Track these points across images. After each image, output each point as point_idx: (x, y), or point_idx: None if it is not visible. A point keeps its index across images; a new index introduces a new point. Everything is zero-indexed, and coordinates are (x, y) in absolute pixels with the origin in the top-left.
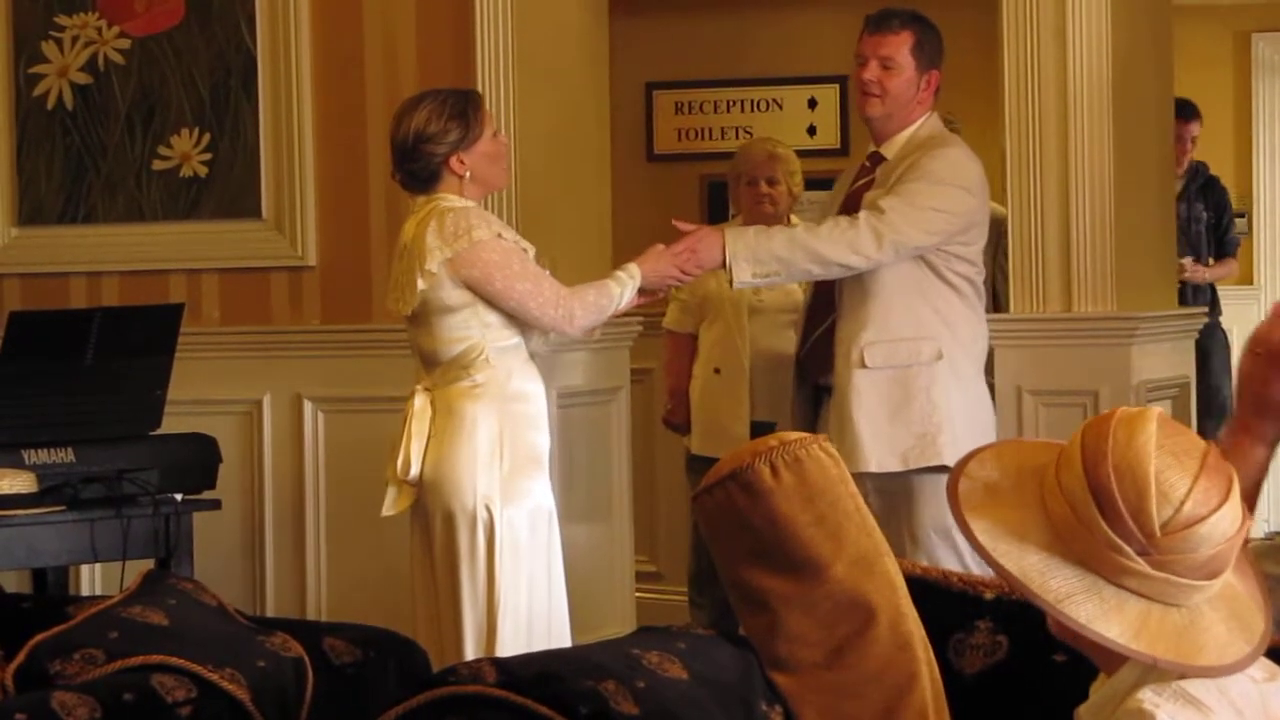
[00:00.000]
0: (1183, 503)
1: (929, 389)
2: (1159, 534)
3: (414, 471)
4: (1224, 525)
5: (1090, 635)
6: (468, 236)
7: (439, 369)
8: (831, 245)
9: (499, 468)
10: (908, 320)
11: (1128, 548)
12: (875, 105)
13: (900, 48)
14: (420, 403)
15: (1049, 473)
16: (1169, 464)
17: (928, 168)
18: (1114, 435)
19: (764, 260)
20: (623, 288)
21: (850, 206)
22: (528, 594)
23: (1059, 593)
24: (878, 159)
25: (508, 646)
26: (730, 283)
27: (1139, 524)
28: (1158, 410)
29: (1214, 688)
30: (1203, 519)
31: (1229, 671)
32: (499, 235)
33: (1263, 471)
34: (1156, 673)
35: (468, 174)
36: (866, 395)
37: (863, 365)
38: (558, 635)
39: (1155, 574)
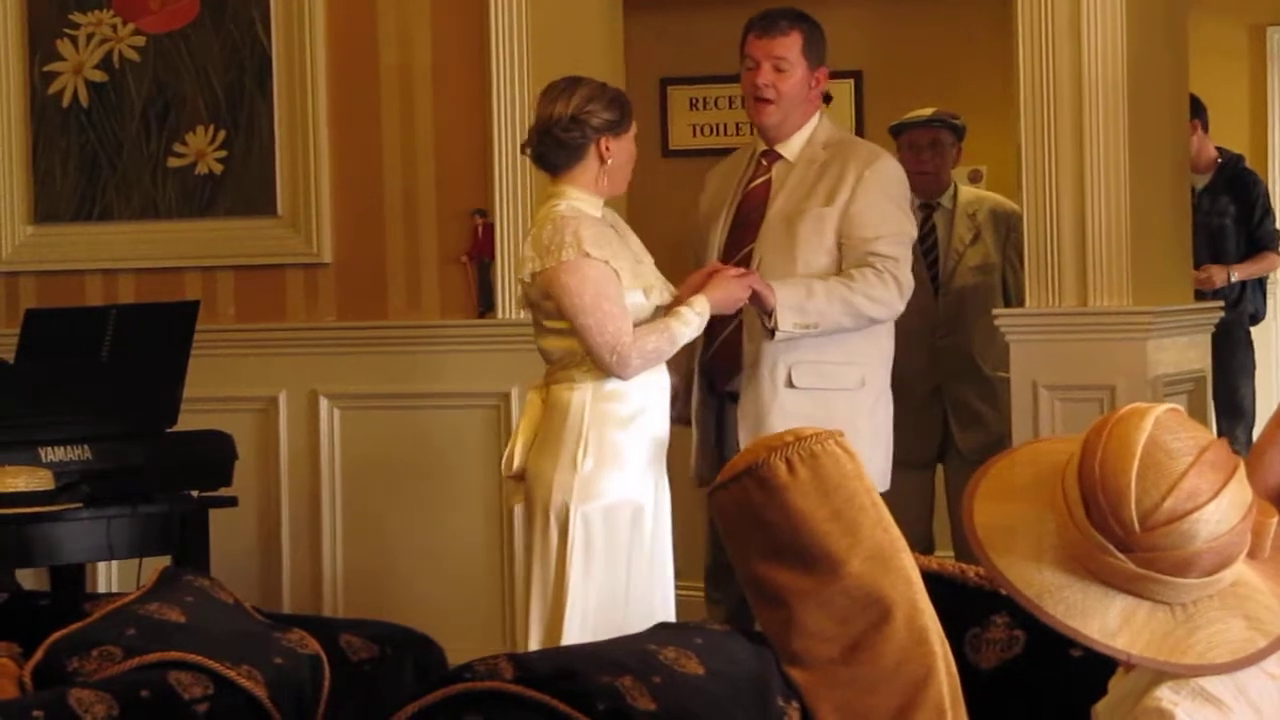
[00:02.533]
0: (1164, 498)
1: (852, 418)
2: (1138, 529)
3: (515, 467)
4: (1213, 521)
5: (1065, 631)
6: (556, 254)
7: (550, 368)
8: (867, 302)
9: (580, 465)
10: (837, 340)
11: (1109, 544)
12: (771, 113)
13: (791, 48)
14: (532, 400)
15: (1060, 472)
16: (1158, 460)
17: (885, 187)
18: (1110, 432)
19: (808, 312)
20: (688, 327)
21: (749, 206)
22: (600, 592)
23: (1039, 587)
24: (774, 157)
25: (572, 642)
26: (772, 332)
27: (1118, 519)
28: (1167, 406)
29: (1231, 685)
30: (1185, 515)
31: (1209, 673)
32: (587, 254)
33: None
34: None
35: (610, 161)
36: (792, 417)
37: (790, 385)
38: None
39: (1139, 571)
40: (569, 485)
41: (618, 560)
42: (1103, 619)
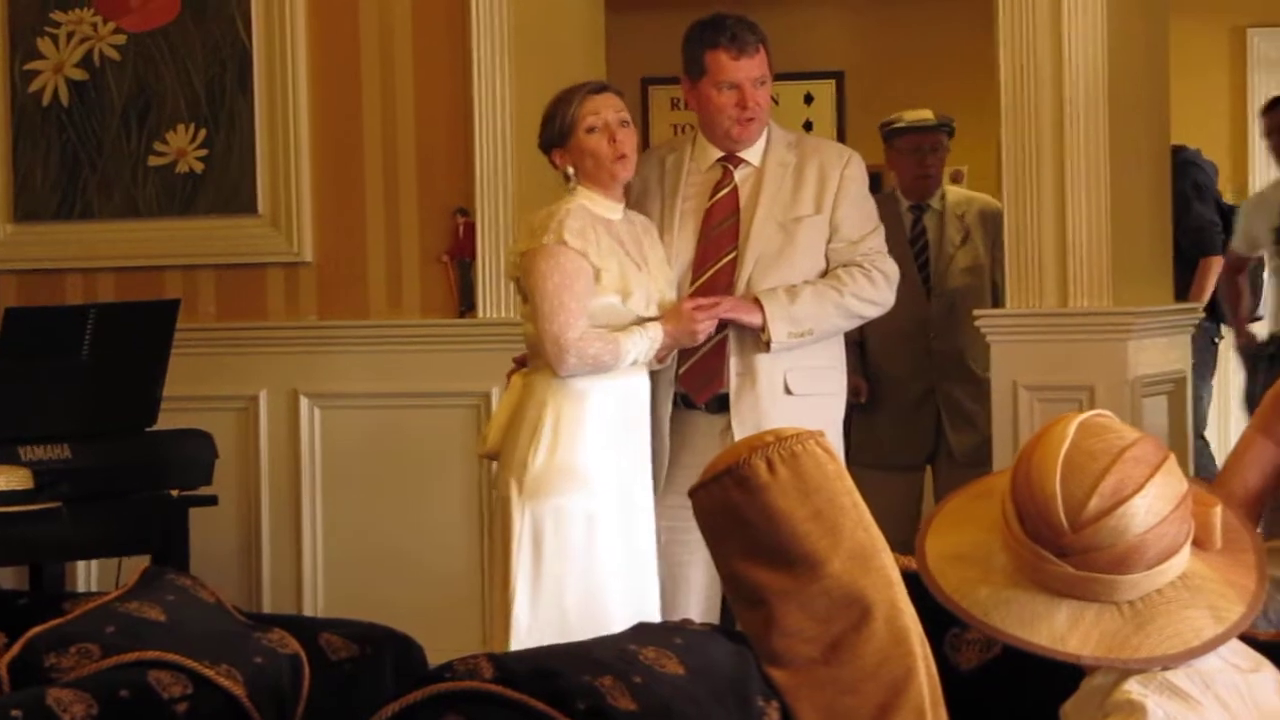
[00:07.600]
0: (1088, 497)
1: (834, 424)
2: (1069, 532)
3: (488, 446)
4: (1141, 513)
5: (1017, 644)
6: (540, 237)
7: (532, 356)
8: (859, 302)
9: (531, 461)
10: (820, 344)
11: (1045, 552)
12: (756, 130)
13: (765, 65)
14: (514, 383)
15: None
16: (1080, 463)
17: (861, 187)
18: (1036, 444)
19: (800, 320)
20: (636, 350)
21: (722, 213)
22: (548, 593)
23: (986, 605)
24: (736, 162)
25: (520, 636)
26: (768, 344)
27: (1049, 525)
28: (1094, 412)
29: (1198, 679)
30: (1110, 510)
31: (1164, 664)
32: (564, 242)
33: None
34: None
35: (569, 169)
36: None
37: (788, 392)
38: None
39: (1078, 574)
40: (520, 478)
41: (569, 563)
42: (1050, 626)
